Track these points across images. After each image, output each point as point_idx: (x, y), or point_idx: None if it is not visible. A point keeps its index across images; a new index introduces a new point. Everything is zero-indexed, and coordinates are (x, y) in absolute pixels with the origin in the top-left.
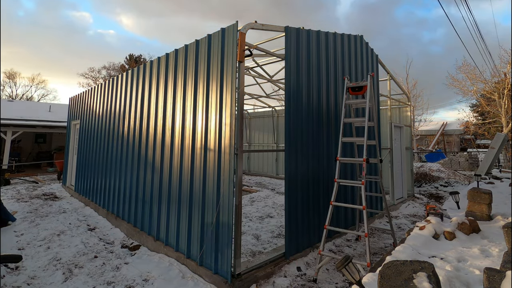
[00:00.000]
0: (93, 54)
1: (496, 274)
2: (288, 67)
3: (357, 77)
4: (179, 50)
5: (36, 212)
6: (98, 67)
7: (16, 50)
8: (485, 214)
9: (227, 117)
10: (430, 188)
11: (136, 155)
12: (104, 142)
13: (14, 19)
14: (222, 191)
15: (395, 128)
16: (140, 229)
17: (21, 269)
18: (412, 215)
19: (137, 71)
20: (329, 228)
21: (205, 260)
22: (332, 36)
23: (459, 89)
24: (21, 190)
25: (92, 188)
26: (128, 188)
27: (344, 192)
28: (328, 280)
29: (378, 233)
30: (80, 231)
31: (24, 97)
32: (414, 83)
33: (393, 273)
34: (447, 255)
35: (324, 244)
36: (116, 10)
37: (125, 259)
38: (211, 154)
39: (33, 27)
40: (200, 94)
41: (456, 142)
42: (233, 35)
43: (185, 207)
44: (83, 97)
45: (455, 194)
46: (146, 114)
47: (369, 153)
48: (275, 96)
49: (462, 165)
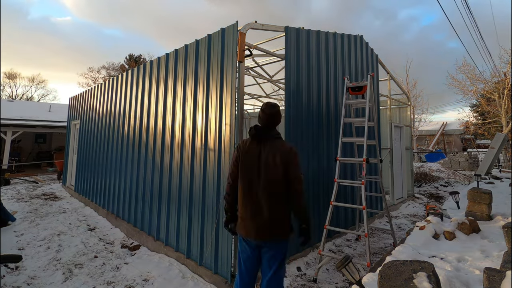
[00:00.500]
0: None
1: (496, 274)
2: (288, 67)
3: (357, 77)
4: (179, 50)
5: (36, 212)
6: (98, 67)
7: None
8: (485, 214)
9: (227, 117)
10: (430, 188)
11: (136, 155)
12: (104, 142)
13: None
14: (222, 191)
15: (395, 128)
16: (140, 229)
17: (21, 269)
18: (412, 215)
19: (137, 71)
20: (329, 228)
21: (205, 260)
22: (332, 36)
23: (459, 89)
24: (21, 190)
25: (92, 188)
26: (128, 188)
27: (344, 192)
28: (328, 280)
29: (378, 233)
30: (80, 231)
31: (24, 97)
32: (414, 83)
33: (393, 273)
34: (447, 255)
35: (324, 244)
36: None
37: (125, 259)
38: (211, 154)
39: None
40: (200, 94)
41: (456, 142)
42: (233, 35)
43: (185, 207)
44: (83, 97)
45: (455, 194)
46: (146, 114)
47: (369, 153)
48: (275, 96)
49: (462, 165)
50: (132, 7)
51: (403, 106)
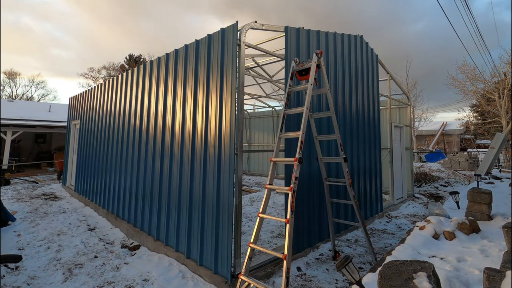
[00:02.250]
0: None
1: (496, 274)
2: (288, 67)
3: (357, 77)
4: (179, 50)
5: (36, 212)
6: (98, 67)
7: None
8: (485, 214)
9: (227, 117)
10: (430, 188)
11: (136, 155)
12: (104, 142)
13: None
14: (222, 191)
15: (395, 128)
16: (140, 229)
17: (21, 269)
18: (412, 215)
19: (137, 71)
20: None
21: (205, 260)
22: (332, 36)
23: (459, 89)
24: (21, 190)
25: (92, 188)
26: (128, 188)
27: (344, 192)
28: (328, 280)
29: (378, 233)
30: (80, 231)
31: (24, 97)
32: (414, 83)
33: (393, 273)
34: (447, 255)
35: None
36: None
37: (125, 259)
38: (211, 154)
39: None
40: (200, 94)
41: (456, 142)
42: (233, 35)
43: (185, 207)
44: (83, 97)
45: (455, 194)
46: (146, 114)
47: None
48: (275, 96)
49: (462, 165)
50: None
51: (403, 106)
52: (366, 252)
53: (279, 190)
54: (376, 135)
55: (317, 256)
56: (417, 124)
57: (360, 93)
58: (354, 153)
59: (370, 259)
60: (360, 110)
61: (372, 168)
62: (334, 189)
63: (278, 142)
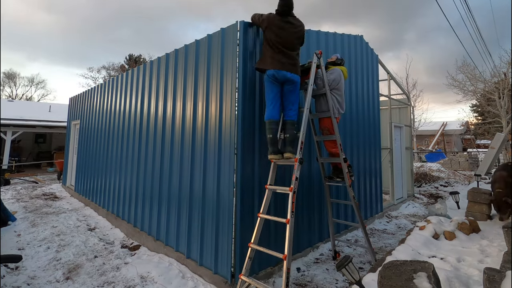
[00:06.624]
0: None
1: (496, 274)
2: None
3: (357, 77)
4: (179, 50)
5: (36, 212)
6: (98, 67)
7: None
8: (485, 214)
9: (227, 117)
10: (430, 188)
11: (136, 155)
12: (104, 142)
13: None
14: (222, 191)
15: (395, 128)
16: (140, 229)
17: (21, 269)
18: (412, 215)
19: (137, 71)
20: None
21: (205, 260)
22: (332, 36)
23: (459, 89)
24: (21, 190)
25: (92, 188)
26: (128, 188)
27: (344, 193)
28: (328, 280)
29: (378, 233)
30: (80, 231)
31: (24, 97)
32: (414, 83)
33: (393, 273)
34: (447, 255)
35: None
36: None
37: (125, 259)
38: (211, 154)
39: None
40: (200, 94)
41: (456, 142)
42: (233, 35)
43: (185, 207)
44: (83, 97)
45: (455, 194)
46: (146, 114)
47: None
48: None
49: (462, 165)
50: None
51: (403, 106)
52: (366, 252)
53: (279, 191)
54: (376, 135)
55: (317, 256)
56: (417, 124)
57: (360, 93)
58: (354, 153)
59: (370, 259)
60: (360, 110)
61: (372, 168)
62: (334, 190)
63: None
